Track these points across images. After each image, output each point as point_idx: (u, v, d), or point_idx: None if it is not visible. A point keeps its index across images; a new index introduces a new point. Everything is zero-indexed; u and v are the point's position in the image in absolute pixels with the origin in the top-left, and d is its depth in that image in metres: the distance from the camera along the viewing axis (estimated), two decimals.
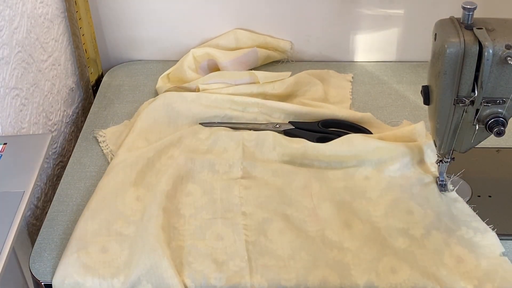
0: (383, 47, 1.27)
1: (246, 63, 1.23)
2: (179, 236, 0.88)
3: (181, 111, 1.10)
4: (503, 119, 0.82)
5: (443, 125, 0.86)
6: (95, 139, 1.08)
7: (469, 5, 0.79)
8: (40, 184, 1.02)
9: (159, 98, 1.12)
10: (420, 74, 1.24)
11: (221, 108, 1.10)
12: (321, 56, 1.29)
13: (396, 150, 0.98)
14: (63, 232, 0.91)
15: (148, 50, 1.30)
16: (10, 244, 0.71)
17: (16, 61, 0.94)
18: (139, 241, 0.86)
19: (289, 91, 1.16)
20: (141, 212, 0.91)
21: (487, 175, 0.99)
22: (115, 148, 1.05)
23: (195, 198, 0.94)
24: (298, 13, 1.23)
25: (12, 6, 0.93)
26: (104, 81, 1.25)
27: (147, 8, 1.24)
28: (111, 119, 1.13)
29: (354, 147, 0.99)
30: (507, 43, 0.77)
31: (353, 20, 1.24)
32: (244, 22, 1.25)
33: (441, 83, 0.81)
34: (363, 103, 1.16)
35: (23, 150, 0.85)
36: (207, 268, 0.83)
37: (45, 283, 0.84)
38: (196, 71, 1.21)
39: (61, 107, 1.13)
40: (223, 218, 0.91)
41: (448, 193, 0.93)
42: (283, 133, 1.07)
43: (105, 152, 1.05)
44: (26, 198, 0.77)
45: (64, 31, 1.15)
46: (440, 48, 0.80)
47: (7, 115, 0.92)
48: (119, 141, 1.06)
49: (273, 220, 0.90)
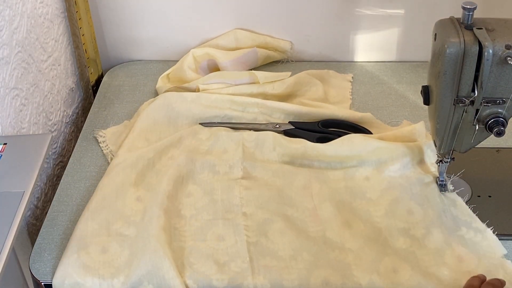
0: (383, 47, 1.27)
1: (246, 63, 1.23)
2: (180, 237, 0.88)
3: (181, 111, 1.10)
4: (503, 119, 0.82)
5: (443, 125, 0.86)
6: (95, 139, 1.08)
7: (469, 5, 0.79)
8: (40, 184, 1.02)
9: (159, 98, 1.12)
10: (420, 74, 1.24)
11: (221, 108, 1.10)
12: (321, 56, 1.29)
13: (396, 150, 0.98)
14: (63, 232, 0.91)
15: (148, 50, 1.30)
16: (10, 244, 0.71)
17: (16, 61, 0.94)
18: (140, 242, 0.86)
19: (289, 91, 1.16)
20: (142, 213, 0.91)
21: (487, 175, 0.99)
22: (115, 148, 1.05)
23: (195, 199, 0.94)
24: (298, 13, 1.23)
25: (12, 6, 0.93)
26: (104, 81, 1.25)
27: (147, 8, 1.23)
28: (111, 119, 1.13)
29: (354, 147, 0.99)
30: (507, 43, 0.77)
31: (353, 20, 1.24)
32: (244, 22, 1.25)
33: (441, 83, 0.81)
34: (363, 103, 1.16)
35: (23, 150, 0.85)
36: (209, 269, 0.83)
37: (45, 283, 0.84)
38: (196, 71, 1.21)
39: (61, 107, 1.13)
40: (224, 219, 0.91)
41: (448, 193, 0.93)
42: (283, 133, 1.07)
43: (105, 153, 1.05)
44: (26, 198, 0.77)
45: (64, 31, 1.15)
46: (440, 48, 0.80)
47: (7, 115, 0.92)
48: (119, 141, 1.06)
49: (273, 221, 0.90)
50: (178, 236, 0.88)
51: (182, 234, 0.89)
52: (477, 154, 0.99)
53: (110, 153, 1.05)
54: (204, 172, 0.98)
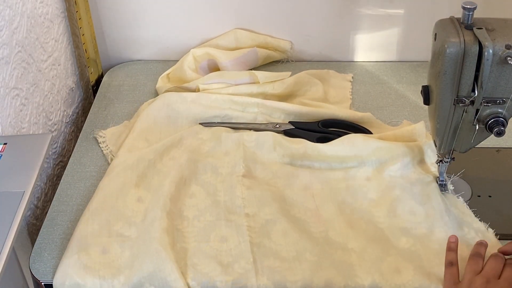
0: (383, 47, 1.27)
1: (246, 63, 1.23)
2: (183, 238, 0.88)
3: (181, 111, 1.10)
4: (503, 119, 0.82)
5: (443, 125, 0.86)
6: (95, 139, 1.08)
7: (469, 5, 0.79)
8: (40, 184, 1.02)
9: (159, 99, 1.12)
10: (420, 74, 1.24)
11: (221, 108, 1.10)
12: (321, 56, 1.29)
13: (397, 150, 0.98)
14: (63, 232, 0.91)
15: (148, 50, 1.30)
16: (10, 244, 0.71)
17: (16, 61, 0.94)
18: (141, 244, 0.86)
19: (289, 91, 1.16)
20: (142, 214, 0.91)
21: (487, 175, 0.99)
22: (115, 148, 1.05)
23: (198, 200, 0.94)
24: (298, 13, 1.23)
25: (12, 6, 0.93)
26: (104, 81, 1.25)
27: (147, 8, 1.23)
28: (111, 119, 1.13)
29: (354, 148, 0.99)
30: (507, 43, 0.77)
31: (353, 20, 1.24)
32: (244, 22, 1.25)
33: (441, 83, 0.81)
34: (363, 103, 1.16)
35: (23, 150, 0.85)
36: (213, 270, 0.83)
37: (45, 283, 0.84)
38: (196, 71, 1.21)
39: (61, 107, 1.13)
40: (227, 220, 0.91)
41: (448, 193, 0.93)
42: (283, 133, 1.07)
43: (105, 153, 1.05)
44: (26, 198, 0.77)
45: (64, 31, 1.15)
46: (440, 48, 0.80)
47: (7, 115, 0.92)
48: (119, 141, 1.06)
49: (276, 222, 0.90)
50: (181, 237, 0.88)
51: (185, 235, 0.88)
52: (477, 154, 0.99)
53: (110, 153, 1.05)
54: (207, 173, 0.98)
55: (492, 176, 0.98)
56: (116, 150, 1.04)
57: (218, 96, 1.12)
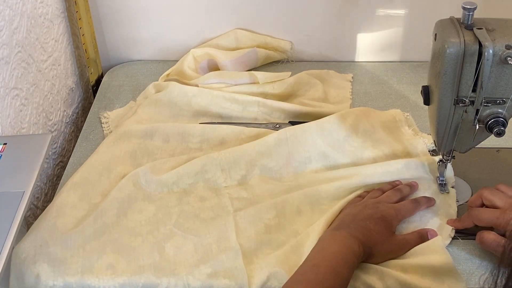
0: (383, 47, 1.27)
1: (246, 63, 1.23)
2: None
3: (182, 106, 1.11)
4: (503, 119, 0.82)
5: (443, 125, 0.86)
6: (95, 140, 1.08)
7: (469, 5, 0.79)
8: (40, 184, 1.02)
9: (162, 93, 1.12)
10: (420, 74, 1.24)
11: (222, 107, 1.11)
12: (321, 56, 1.29)
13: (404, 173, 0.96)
14: None
15: (148, 50, 1.30)
16: (10, 244, 0.71)
17: (16, 61, 0.94)
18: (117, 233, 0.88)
19: (289, 91, 1.16)
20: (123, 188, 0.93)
21: (487, 175, 0.99)
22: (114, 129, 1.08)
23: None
24: (298, 13, 1.23)
25: (12, 6, 0.93)
26: (104, 81, 1.25)
27: (147, 8, 1.23)
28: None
29: (360, 176, 0.95)
30: (507, 43, 0.77)
31: (353, 20, 1.24)
32: (244, 22, 1.25)
33: (441, 83, 0.81)
34: (363, 103, 1.16)
35: (23, 150, 0.85)
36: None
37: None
38: (196, 71, 1.21)
39: (61, 107, 1.13)
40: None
41: (448, 193, 0.93)
42: None
43: (105, 133, 1.08)
44: (26, 198, 0.77)
45: (64, 31, 1.15)
46: (440, 48, 0.80)
47: (7, 115, 0.92)
48: (120, 123, 1.09)
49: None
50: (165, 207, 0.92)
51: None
52: (477, 154, 0.99)
53: (109, 133, 1.07)
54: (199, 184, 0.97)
55: (492, 176, 0.98)
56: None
57: (219, 92, 1.12)
